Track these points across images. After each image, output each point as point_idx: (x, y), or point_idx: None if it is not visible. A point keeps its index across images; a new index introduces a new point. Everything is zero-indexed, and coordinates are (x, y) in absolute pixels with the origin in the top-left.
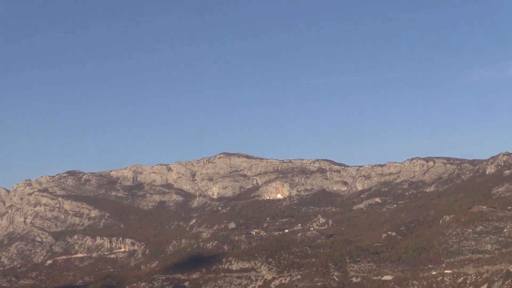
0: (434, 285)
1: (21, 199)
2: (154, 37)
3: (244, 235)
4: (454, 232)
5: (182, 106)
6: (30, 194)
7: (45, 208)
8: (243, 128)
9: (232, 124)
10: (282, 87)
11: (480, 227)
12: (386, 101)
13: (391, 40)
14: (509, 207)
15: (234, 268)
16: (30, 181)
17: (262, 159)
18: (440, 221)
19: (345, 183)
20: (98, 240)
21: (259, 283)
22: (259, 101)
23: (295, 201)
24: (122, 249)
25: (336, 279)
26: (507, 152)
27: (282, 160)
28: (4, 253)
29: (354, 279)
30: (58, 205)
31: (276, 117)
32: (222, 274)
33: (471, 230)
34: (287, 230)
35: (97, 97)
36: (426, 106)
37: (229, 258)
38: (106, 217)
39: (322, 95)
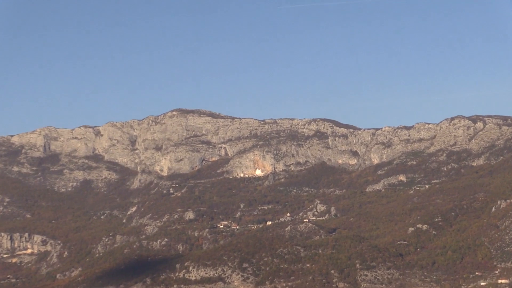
0: None
1: None
2: None
3: (207, 230)
4: None
5: (117, 49)
6: None
7: None
8: (206, 78)
9: (190, 73)
10: (258, 14)
11: None
12: (412, 34)
13: None
14: None
15: (193, 278)
16: None
17: (234, 118)
18: (493, 209)
19: (354, 154)
20: None
21: None
22: (228, 35)
23: (282, 180)
24: (29, 250)
25: None
26: None
27: (263, 120)
28: None
29: None
30: None
31: (252, 61)
32: (175, 286)
33: None
34: (270, 222)
35: None
36: (474, 46)
37: (186, 264)
38: (5, 204)
39: (317, 23)
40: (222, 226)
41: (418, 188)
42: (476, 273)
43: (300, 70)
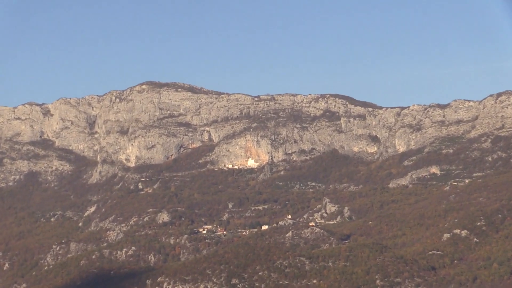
0: None
1: None
2: None
3: (186, 236)
4: None
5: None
6: None
7: None
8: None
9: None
10: None
11: None
12: None
13: None
14: None
15: None
16: None
17: (220, 93)
18: None
19: (374, 140)
20: None
21: None
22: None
23: (282, 173)
24: None
25: None
26: None
27: (257, 97)
28: None
29: None
30: None
31: (242, 20)
32: None
33: None
34: (266, 227)
35: None
36: None
37: (159, 279)
38: None
39: None
40: (205, 232)
41: (455, 183)
42: None
43: (303, 32)
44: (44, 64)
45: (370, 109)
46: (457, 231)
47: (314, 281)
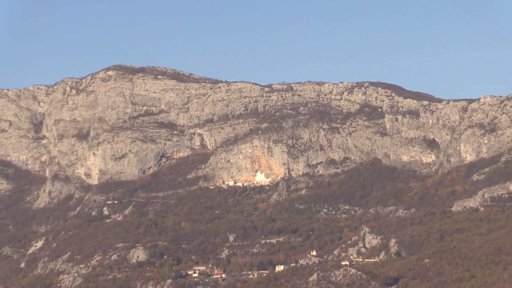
0: None
1: None
2: None
3: (170, 281)
4: None
5: None
6: None
7: None
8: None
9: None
10: None
11: None
12: None
13: None
14: None
15: None
16: None
17: (217, 82)
18: None
19: (431, 144)
20: None
21: None
22: None
23: (303, 192)
24: None
25: None
26: None
27: (269, 86)
28: None
29: None
30: None
31: None
32: None
33: None
34: (281, 267)
35: None
36: None
37: None
38: None
39: None
40: (196, 274)
41: None
42: None
43: (332, 3)
44: None
45: (426, 102)
46: None
47: None
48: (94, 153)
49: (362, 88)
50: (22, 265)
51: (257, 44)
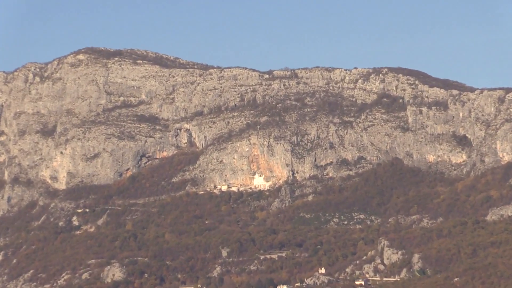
0: None
1: None
2: None
3: None
4: None
5: None
6: None
7: None
8: None
9: None
10: None
11: None
12: None
13: None
14: None
15: None
16: None
17: (208, 67)
18: None
19: (461, 142)
20: None
21: None
22: None
23: (310, 198)
24: None
25: None
26: None
27: (269, 72)
28: None
29: None
30: None
31: None
32: None
33: None
34: (284, 287)
35: None
36: None
37: None
38: None
39: None
40: None
41: None
42: None
43: None
44: None
45: (455, 91)
46: None
47: None
48: (61, 152)
49: (380, 74)
50: None
51: (255, 22)
